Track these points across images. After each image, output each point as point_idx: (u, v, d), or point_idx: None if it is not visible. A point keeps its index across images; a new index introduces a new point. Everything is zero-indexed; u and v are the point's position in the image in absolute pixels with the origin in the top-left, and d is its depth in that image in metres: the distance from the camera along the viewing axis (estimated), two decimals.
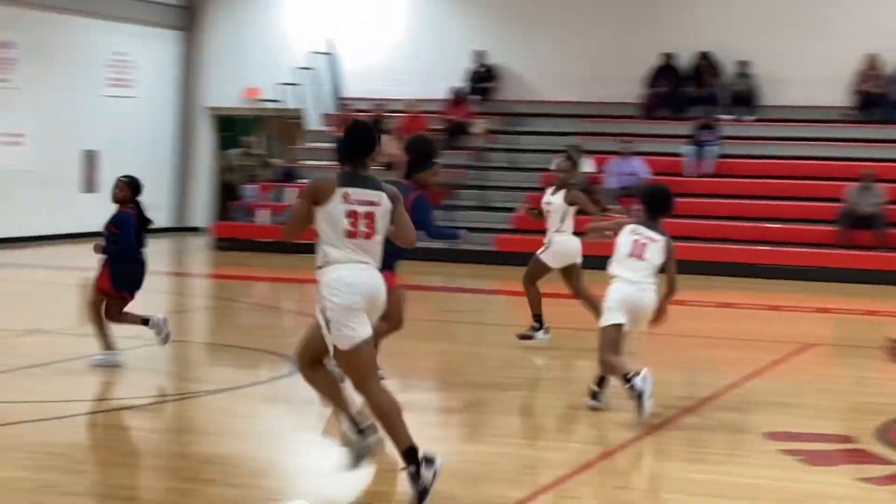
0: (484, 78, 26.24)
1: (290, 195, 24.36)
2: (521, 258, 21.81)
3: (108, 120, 26.27)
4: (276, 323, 15.14)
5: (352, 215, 7.26)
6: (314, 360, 7.55)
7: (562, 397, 10.62)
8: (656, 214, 10.06)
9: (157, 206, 27.58)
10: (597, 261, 10.86)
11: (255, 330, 14.38)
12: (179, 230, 27.80)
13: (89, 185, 25.89)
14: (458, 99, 25.67)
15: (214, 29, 28.42)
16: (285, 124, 26.70)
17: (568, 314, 13.75)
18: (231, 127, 29.03)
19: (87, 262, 12.50)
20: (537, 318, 13.27)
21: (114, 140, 26.29)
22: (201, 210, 28.40)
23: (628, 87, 25.07)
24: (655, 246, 9.89)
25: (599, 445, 9.09)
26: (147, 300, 17.15)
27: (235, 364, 12.41)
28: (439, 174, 10.79)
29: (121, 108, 26.60)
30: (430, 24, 26.92)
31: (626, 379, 9.45)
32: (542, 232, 13.55)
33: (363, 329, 7.28)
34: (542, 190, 22.68)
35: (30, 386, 10.63)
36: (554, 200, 13.47)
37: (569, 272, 13.37)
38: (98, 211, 25.48)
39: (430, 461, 7.15)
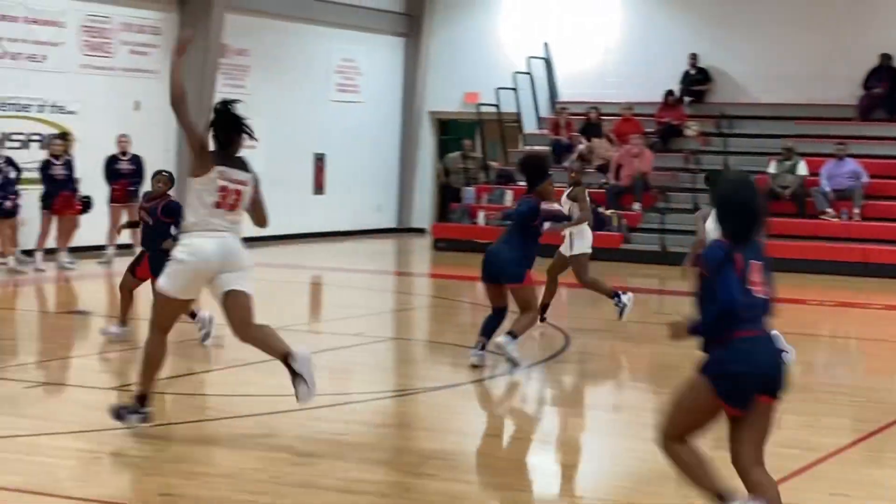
0: (697, 80, 25.99)
1: (509, 197, 24.55)
2: None
3: (335, 124, 26.82)
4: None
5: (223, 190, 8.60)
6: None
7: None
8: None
9: (381, 207, 28.33)
10: None
11: (474, 329, 14.52)
12: (402, 231, 28.22)
13: (319, 187, 26.55)
14: (671, 102, 25.49)
15: (436, 35, 28.74)
16: (503, 128, 26.86)
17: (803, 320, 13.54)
18: (451, 130, 29.37)
19: (319, 261, 12.85)
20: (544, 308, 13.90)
21: (341, 144, 26.84)
22: (423, 212, 28.76)
23: (844, 88, 24.55)
24: None
25: (811, 451, 8.97)
26: (371, 298, 17.60)
27: (454, 362, 12.57)
28: (553, 185, 11.94)
29: (347, 113, 27.11)
30: (644, 28, 26.77)
31: None
32: None
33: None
34: None
35: (260, 380, 10.95)
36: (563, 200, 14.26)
37: (578, 261, 14.15)
38: (328, 212, 26.29)
39: None
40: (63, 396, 10.36)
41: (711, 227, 11.38)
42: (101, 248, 19.99)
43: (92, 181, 19.87)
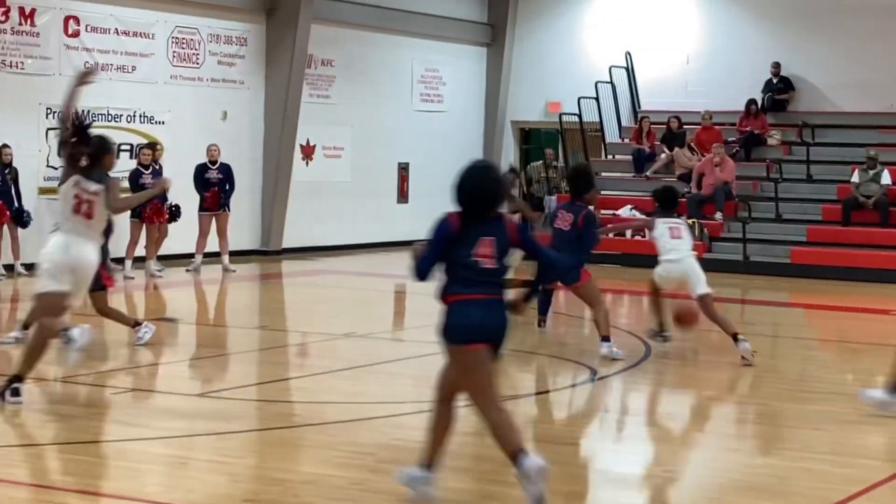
0: (779, 89, 25.75)
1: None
2: (816, 271, 21.55)
3: (419, 133, 26.89)
4: (575, 331, 15.21)
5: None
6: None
7: (856, 412, 10.36)
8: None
9: None
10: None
11: (555, 338, 14.49)
12: None
13: (403, 195, 26.64)
14: (753, 111, 25.27)
15: (518, 45, 28.72)
16: (585, 137, 26.77)
17: (885, 331, 13.39)
18: (533, 140, 29.32)
19: (403, 269, 12.82)
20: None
21: (424, 153, 26.89)
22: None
23: None
24: None
25: (893, 462, 8.84)
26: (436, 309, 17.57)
27: (537, 370, 12.55)
28: (599, 193, 13.34)
29: (431, 122, 27.17)
30: (726, 37, 26.56)
31: None
32: (839, 244, 13.31)
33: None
34: (837, 202, 22.19)
35: (344, 387, 10.99)
36: None
37: None
38: (411, 221, 26.33)
39: None
40: (150, 402, 10.45)
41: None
42: (189, 256, 20.18)
43: (180, 189, 20.01)
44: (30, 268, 18.40)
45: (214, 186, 20.42)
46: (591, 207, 13.11)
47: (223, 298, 18.74)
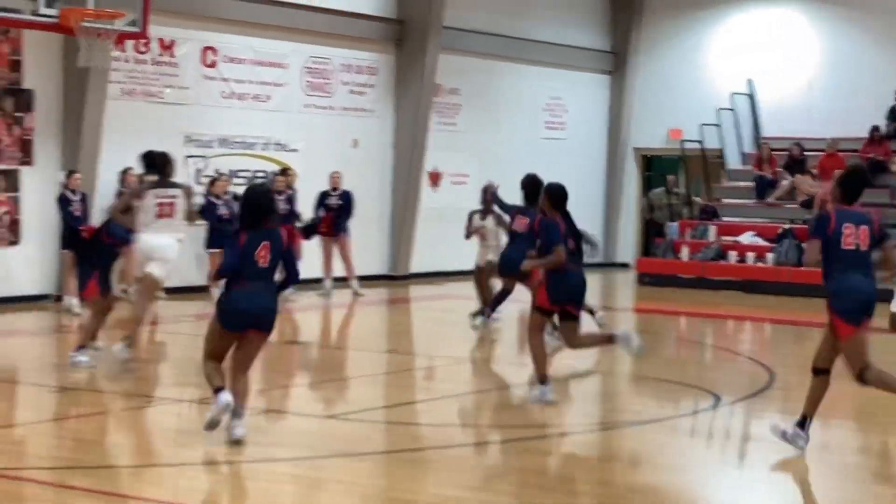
0: None
1: (712, 233, 24.24)
2: None
3: (543, 160, 26.80)
4: (698, 357, 15.09)
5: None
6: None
7: None
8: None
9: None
10: None
11: (678, 363, 14.39)
12: (607, 266, 28.10)
13: None
14: (876, 137, 24.83)
15: (640, 72, 28.60)
16: (707, 163, 26.54)
17: None
18: (655, 166, 29.16)
19: (526, 294, 12.89)
20: None
21: (548, 179, 26.73)
22: (627, 246, 28.58)
23: None
24: None
25: None
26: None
27: (659, 396, 12.45)
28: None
29: (554, 150, 27.14)
30: (849, 63, 26.17)
31: None
32: None
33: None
34: None
35: (470, 411, 11.01)
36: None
37: None
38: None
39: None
40: (280, 424, 10.56)
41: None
42: (317, 280, 20.34)
43: (309, 215, 20.27)
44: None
45: (332, 212, 20.47)
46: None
47: (351, 322, 18.89)
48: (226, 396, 9.15)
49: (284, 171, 20.57)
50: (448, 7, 23.65)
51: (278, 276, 9.61)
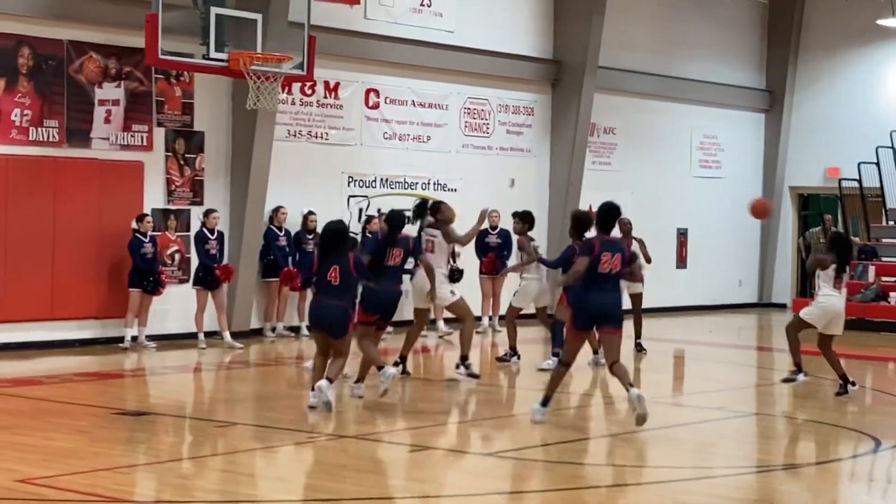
0: None
1: (871, 273, 23.80)
2: None
3: (697, 199, 26.72)
4: (857, 400, 14.82)
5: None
6: None
7: None
8: None
9: (742, 282, 27.89)
10: None
11: (837, 404, 14.15)
12: (762, 306, 27.77)
13: (682, 261, 26.47)
14: None
15: (797, 110, 28.27)
16: (865, 203, 26.09)
17: None
18: (812, 205, 28.74)
19: (682, 334, 12.80)
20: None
21: (702, 219, 26.71)
22: (783, 287, 28.18)
23: None
24: None
25: None
26: (732, 373, 17.38)
27: (816, 439, 12.28)
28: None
29: (709, 188, 26.96)
30: None
31: None
32: None
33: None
34: None
35: (626, 451, 10.99)
36: None
37: None
38: (690, 286, 26.12)
39: None
40: (443, 461, 10.67)
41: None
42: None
43: (464, 254, 20.41)
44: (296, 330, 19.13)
45: (493, 251, 20.70)
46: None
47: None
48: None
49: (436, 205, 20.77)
50: (604, 47, 23.70)
51: None
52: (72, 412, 12.32)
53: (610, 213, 11.94)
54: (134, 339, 17.39)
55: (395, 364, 14.30)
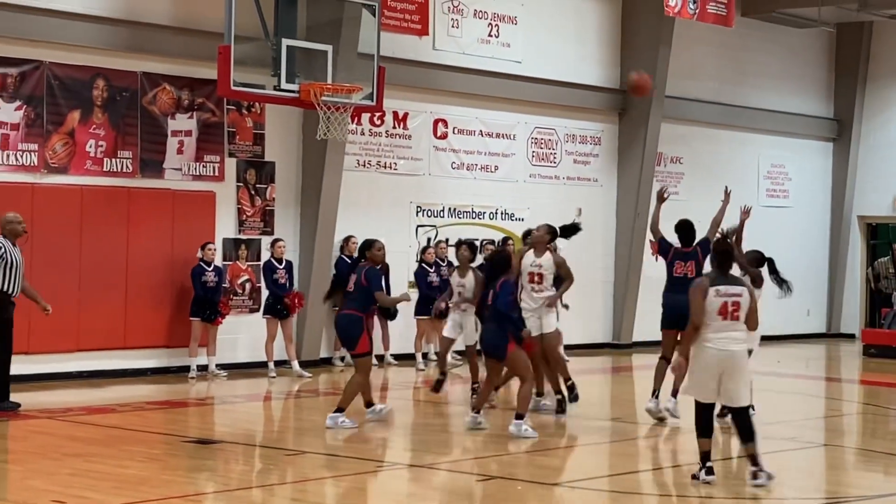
0: None
1: None
2: None
3: (765, 229, 26.43)
4: None
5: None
6: None
7: None
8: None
9: (810, 312, 27.58)
10: None
11: None
12: (831, 336, 27.46)
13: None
14: None
15: (864, 139, 27.98)
16: None
17: None
18: (881, 235, 28.41)
19: (750, 364, 12.66)
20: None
21: (770, 248, 26.30)
22: (852, 317, 27.83)
23: None
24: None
25: None
26: (801, 403, 17.17)
27: (886, 471, 12.10)
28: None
29: (777, 218, 26.72)
30: None
31: None
32: None
33: None
34: None
35: (688, 482, 10.89)
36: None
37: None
38: (760, 316, 25.68)
39: None
40: (507, 491, 10.60)
41: None
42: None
43: None
44: (381, 358, 19.12)
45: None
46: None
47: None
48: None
49: (506, 240, 20.75)
50: (670, 76, 23.61)
51: None
52: (144, 440, 12.40)
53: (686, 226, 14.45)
54: (202, 367, 17.47)
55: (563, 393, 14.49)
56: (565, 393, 14.45)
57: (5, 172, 16.24)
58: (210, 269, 17.51)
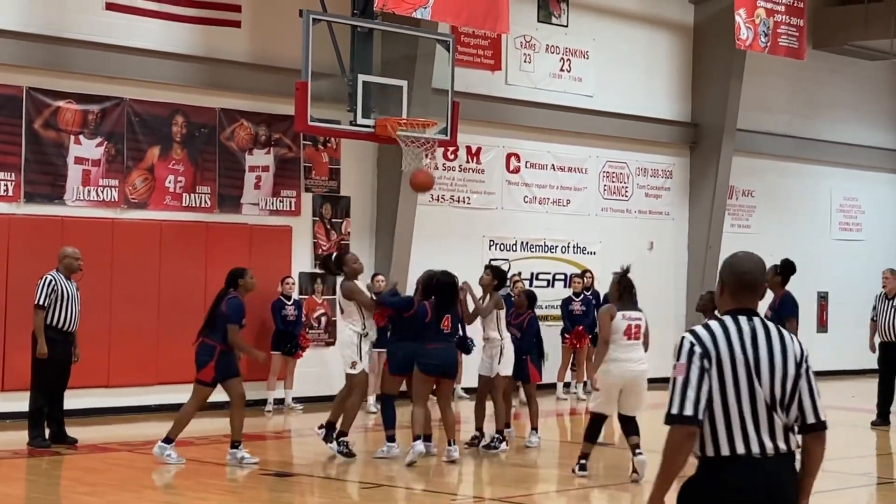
0: None
1: None
2: None
3: (838, 262, 26.18)
4: None
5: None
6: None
7: None
8: None
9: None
10: None
11: None
12: None
13: (822, 325, 25.91)
14: None
15: None
16: None
17: None
18: None
19: (824, 399, 12.49)
20: None
21: (843, 282, 26.14)
22: None
23: None
24: None
25: None
26: (876, 439, 16.88)
27: None
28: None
29: (850, 251, 26.42)
30: None
31: None
32: None
33: None
34: None
35: None
36: None
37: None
38: (831, 350, 25.52)
39: None
40: None
41: None
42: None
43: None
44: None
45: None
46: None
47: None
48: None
49: (583, 273, 20.67)
50: (741, 109, 23.46)
51: None
52: (221, 473, 12.43)
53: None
54: (280, 401, 17.50)
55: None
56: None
57: (86, 208, 16.41)
58: (290, 304, 17.57)
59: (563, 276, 21.25)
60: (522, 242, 21.04)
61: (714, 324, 5.00)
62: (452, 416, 12.99)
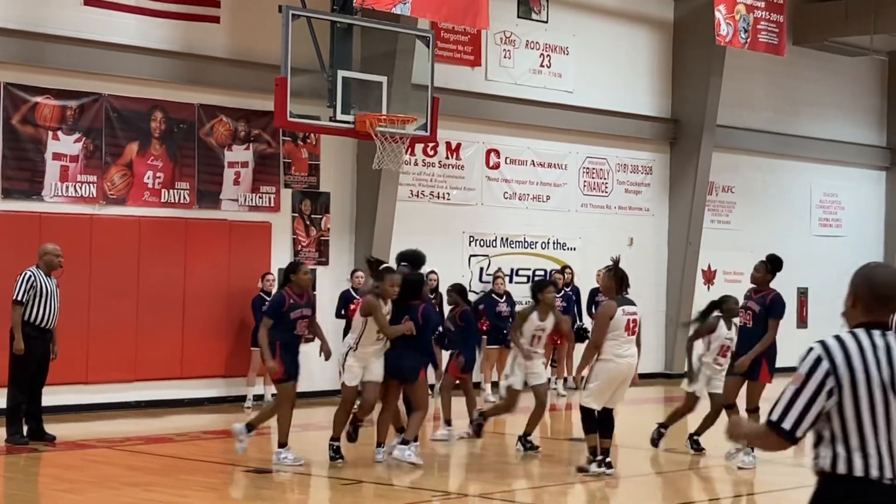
0: None
1: None
2: None
3: (818, 258, 26.27)
4: None
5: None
6: None
7: None
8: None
9: None
10: None
11: None
12: None
13: (802, 321, 26.00)
14: None
15: None
16: None
17: None
18: None
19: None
20: None
21: (823, 278, 26.23)
22: None
23: None
24: None
25: None
26: None
27: None
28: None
29: (829, 247, 26.53)
30: None
31: None
32: None
33: None
34: None
35: None
36: None
37: None
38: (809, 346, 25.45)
39: None
40: None
41: None
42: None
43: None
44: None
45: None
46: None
47: (625, 420, 18.74)
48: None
49: (563, 269, 20.73)
50: (722, 106, 23.54)
51: None
52: (201, 469, 12.44)
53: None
54: (259, 397, 17.50)
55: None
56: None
57: (64, 204, 16.38)
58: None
59: (542, 272, 21.28)
60: (502, 238, 21.08)
61: (848, 338, 4.80)
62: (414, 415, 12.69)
